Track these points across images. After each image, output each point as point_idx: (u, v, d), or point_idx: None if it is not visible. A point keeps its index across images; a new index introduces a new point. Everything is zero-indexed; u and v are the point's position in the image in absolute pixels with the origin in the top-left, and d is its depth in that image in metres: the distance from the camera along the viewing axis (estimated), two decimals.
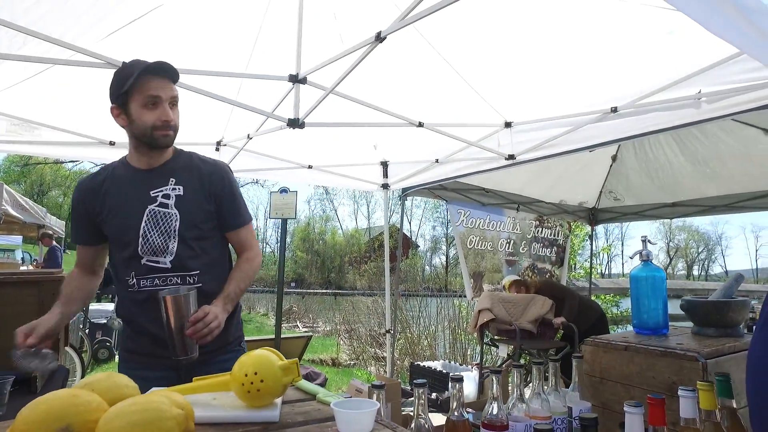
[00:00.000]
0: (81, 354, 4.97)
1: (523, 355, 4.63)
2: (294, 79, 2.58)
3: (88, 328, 6.55)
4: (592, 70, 2.66)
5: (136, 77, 1.41)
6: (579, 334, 4.18)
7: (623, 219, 6.04)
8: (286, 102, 2.79)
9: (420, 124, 3.19)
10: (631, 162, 5.02)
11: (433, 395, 4.08)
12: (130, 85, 1.42)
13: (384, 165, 4.36)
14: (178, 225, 1.50)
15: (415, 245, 39.46)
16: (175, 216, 1.50)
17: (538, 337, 4.59)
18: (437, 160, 3.99)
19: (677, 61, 2.41)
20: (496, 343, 4.80)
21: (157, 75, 1.46)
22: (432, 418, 1.13)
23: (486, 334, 4.73)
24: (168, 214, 1.50)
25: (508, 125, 3.31)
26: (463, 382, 1.14)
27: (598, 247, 7.07)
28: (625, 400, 0.92)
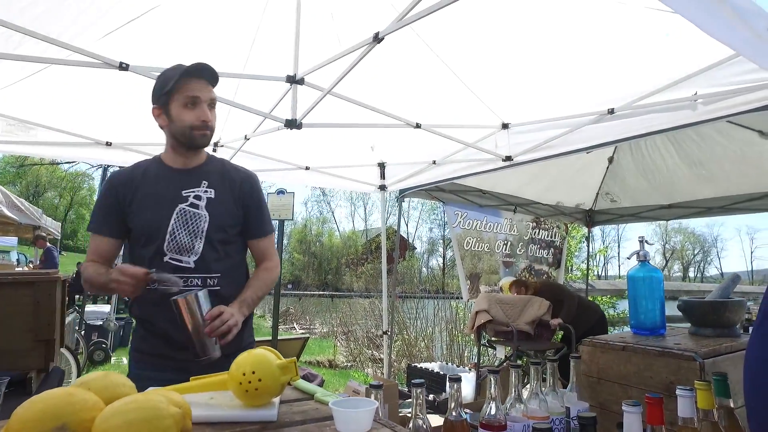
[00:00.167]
0: (77, 355, 4.95)
1: (522, 357, 4.63)
2: (291, 79, 2.59)
3: (83, 329, 6.52)
4: (589, 72, 2.67)
5: (177, 78, 1.47)
6: (578, 335, 4.18)
7: (620, 221, 6.05)
8: (284, 103, 2.79)
9: (417, 126, 3.19)
10: (628, 164, 5.04)
11: (430, 396, 4.07)
12: (172, 86, 1.48)
13: (381, 166, 4.36)
14: (206, 226, 1.54)
15: (412, 247, 39.45)
16: (205, 217, 1.54)
17: (535, 339, 4.59)
18: (434, 162, 3.99)
19: (673, 63, 2.42)
20: (493, 344, 4.80)
21: (197, 77, 1.52)
22: (429, 420, 1.12)
23: (483, 336, 4.73)
24: (198, 215, 1.54)
25: (506, 127, 3.32)
26: (461, 382, 1.13)
27: (594, 249, 7.09)
28: (622, 400, 0.92)
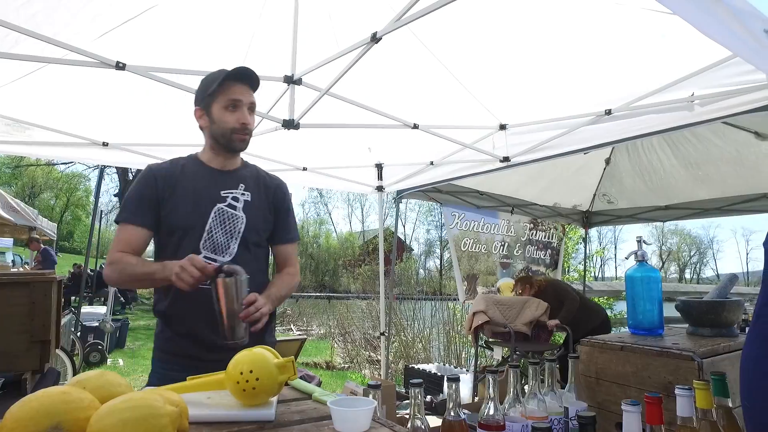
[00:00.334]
0: (72, 357, 4.93)
1: (521, 358, 4.63)
2: (289, 80, 2.58)
3: (79, 331, 6.48)
4: (586, 73, 2.67)
5: (221, 81, 1.50)
6: (581, 337, 4.19)
7: (617, 222, 6.07)
8: (281, 103, 2.78)
9: (415, 126, 3.19)
10: (625, 165, 5.05)
11: (428, 398, 4.07)
12: (215, 88, 1.51)
13: (379, 167, 4.35)
14: (243, 228, 1.57)
15: (409, 248, 39.44)
16: (242, 219, 1.57)
17: (533, 340, 4.59)
18: (432, 163, 3.99)
19: (670, 64, 2.43)
20: (491, 345, 4.79)
21: (239, 81, 1.55)
22: (427, 420, 1.12)
23: (480, 337, 4.72)
24: (235, 216, 1.57)
25: (503, 127, 3.32)
26: (459, 382, 1.13)
27: (591, 250, 7.10)
28: (621, 400, 0.92)
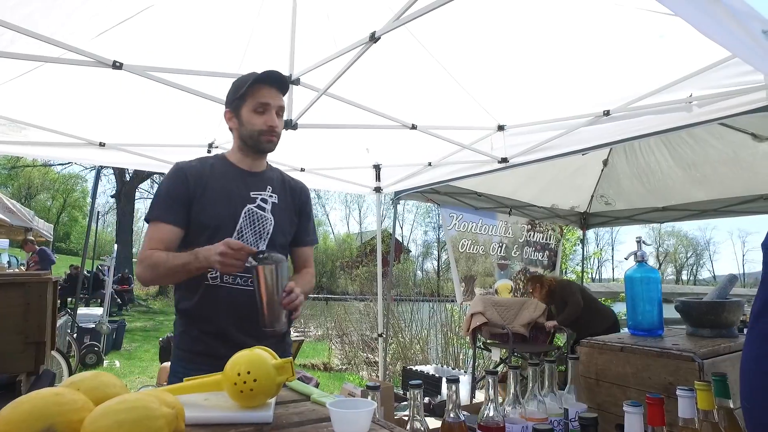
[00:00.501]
0: (68, 358, 4.89)
1: (518, 359, 4.62)
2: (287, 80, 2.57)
3: (76, 332, 6.45)
4: (584, 74, 2.67)
5: (250, 84, 1.52)
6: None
7: (614, 223, 6.07)
8: None
9: (413, 127, 3.18)
10: (622, 166, 5.05)
11: (426, 399, 4.06)
12: (245, 90, 1.52)
13: (377, 168, 4.34)
14: (271, 230, 1.59)
15: (407, 250, 39.44)
16: (271, 221, 1.59)
17: (531, 341, 4.59)
18: (430, 164, 3.98)
19: (668, 64, 2.43)
20: (489, 346, 4.78)
21: (269, 84, 1.55)
22: (426, 422, 1.11)
23: (478, 338, 4.72)
24: (264, 217, 1.59)
25: (501, 128, 3.31)
26: (459, 383, 1.12)
27: (589, 252, 7.09)
28: (621, 401, 0.91)
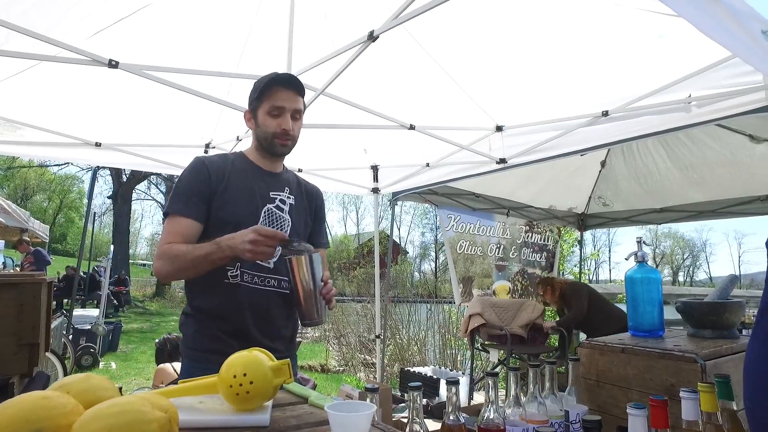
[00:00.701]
0: (63, 360, 4.85)
1: (515, 360, 4.61)
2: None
3: (71, 334, 6.41)
4: (583, 74, 2.66)
5: (264, 86, 1.52)
6: None
7: (612, 224, 6.07)
8: None
9: (411, 127, 3.17)
10: (620, 167, 5.05)
11: (424, 401, 4.04)
12: (260, 93, 1.53)
13: (374, 169, 4.33)
14: (288, 231, 1.59)
15: (404, 251, 39.42)
16: (288, 222, 1.59)
17: (529, 342, 4.58)
18: (428, 164, 3.97)
19: (668, 65, 2.42)
20: (487, 348, 4.77)
21: (285, 87, 1.54)
22: (426, 424, 1.09)
23: (476, 339, 4.70)
24: (282, 218, 1.59)
25: (500, 129, 3.30)
26: (459, 385, 1.10)
27: (586, 253, 7.09)
28: (622, 403, 0.90)
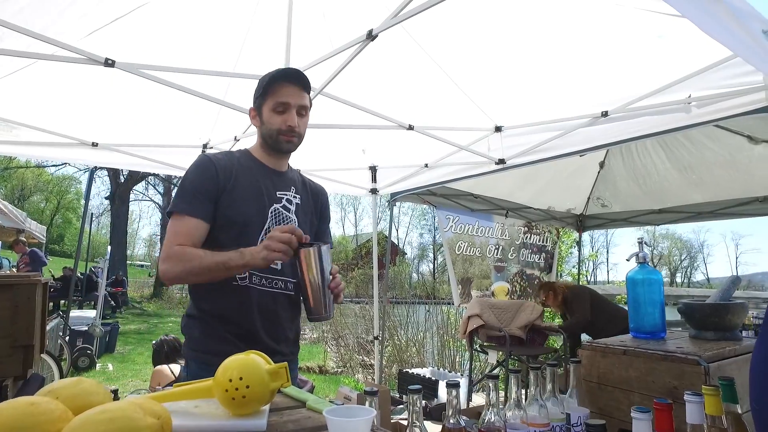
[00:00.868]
0: (60, 362, 4.81)
1: (514, 362, 4.59)
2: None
3: (68, 335, 6.36)
4: (582, 74, 2.65)
5: (268, 82, 1.50)
6: None
7: (610, 225, 6.06)
8: None
9: (410, 127, 3.16)
10: (619, 168, 5.05)
11: (423, 402, 4.02)
12: (264, 89, 1.50)
13: (373, 170, 4.32)
14: None
15: (402, 252, 39.42)
16: (294, 222, 1.56)
17: (528, 344, 4.56)
18: (426, 165, 3.95)
19: (667, 65, 2.41)
20: (486, 349, 4.75)
21: (289, 82, 1.51)
22: (426, 427, 1.07)
23: (475, 341, 4.68)
24: (289, 218, 1.56)
25: (499, 129, 3.29)
26: (459, 387, 1.09)
27: (585, 254, 7.08)
28: (624, 405, 0.88)
